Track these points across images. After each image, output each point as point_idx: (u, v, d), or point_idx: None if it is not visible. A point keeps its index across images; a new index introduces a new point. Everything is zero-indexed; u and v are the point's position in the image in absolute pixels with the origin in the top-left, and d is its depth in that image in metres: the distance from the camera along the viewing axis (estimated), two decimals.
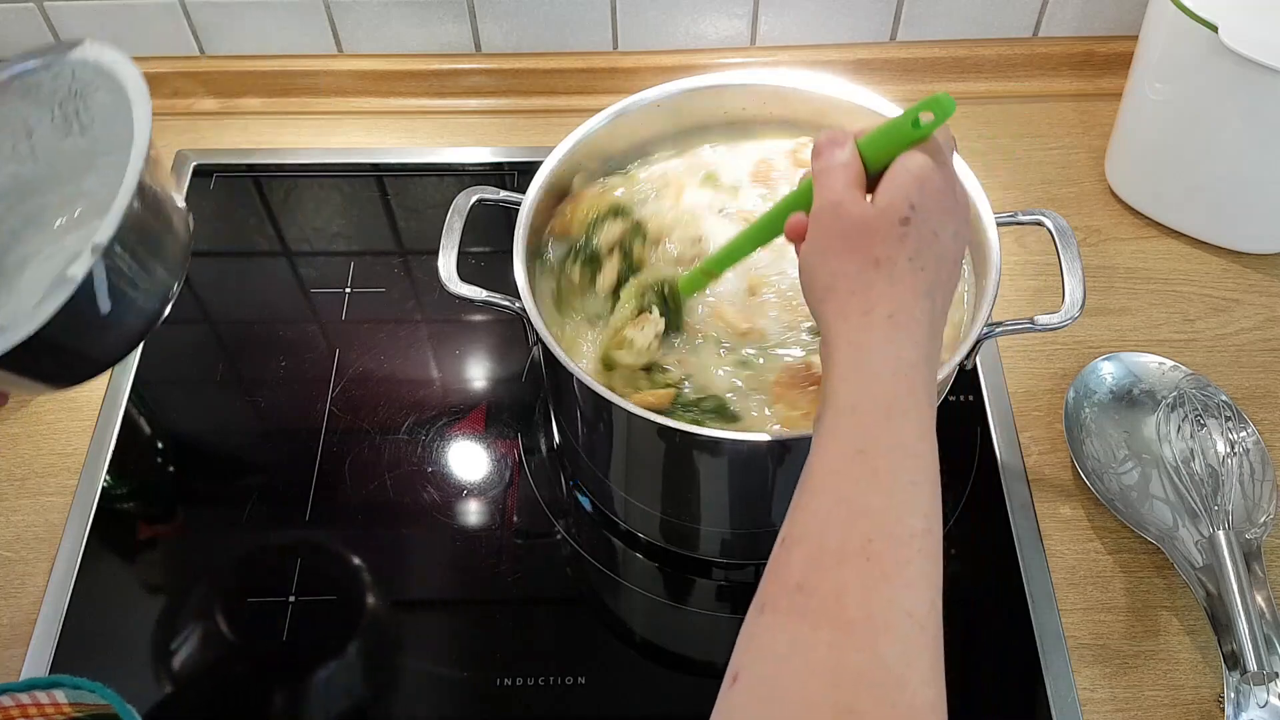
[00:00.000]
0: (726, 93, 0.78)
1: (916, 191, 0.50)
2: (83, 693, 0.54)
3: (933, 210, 0.50)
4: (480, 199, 0.73)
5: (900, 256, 0.49)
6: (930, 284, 0.49)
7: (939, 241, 0.50)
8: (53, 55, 0.60)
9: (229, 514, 0.81)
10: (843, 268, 0.50)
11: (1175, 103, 0.86)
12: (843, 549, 0.44)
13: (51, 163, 0.64)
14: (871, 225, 0.50)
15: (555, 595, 0.77)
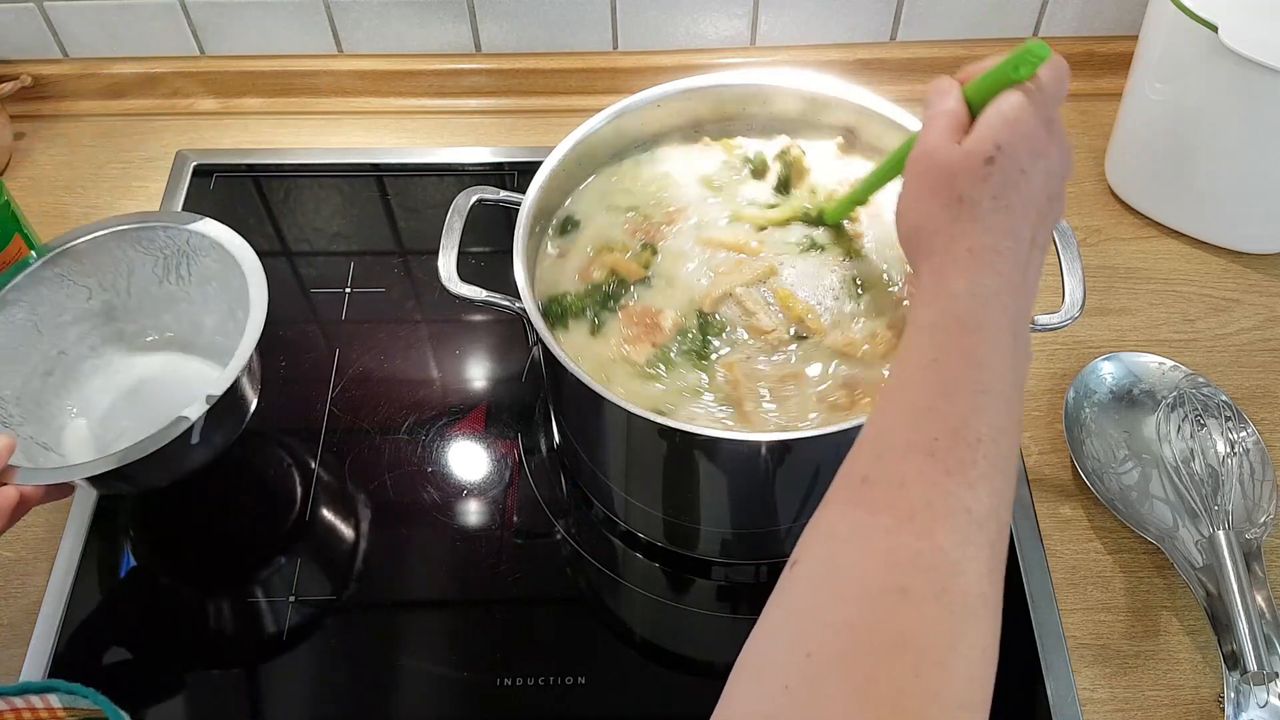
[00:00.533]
0: (726, 93, 0.78)
1: (1004, 131, 0.51)
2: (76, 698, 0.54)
3: (1021, 150, 0.50)
4: (480, 199, 0.73)
5: (984, 195, 0.50)
6: (1015, 222, 0.50)
7: (1027, 179, 0.50)
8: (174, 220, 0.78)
9: (229, 514, 0.81)
10: (928, 208, 0.52)
11: (1175, 103, 0.86)
12: (908, 445, 0.45)
13: (140, 300, 0.81)
14: (956, 166, 0.51)
15: (555, 595, 0.77)
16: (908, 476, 0.44)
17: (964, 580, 0.43)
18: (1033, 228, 0.51)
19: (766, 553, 0.77)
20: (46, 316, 0.77)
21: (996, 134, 0.51)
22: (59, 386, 0.79)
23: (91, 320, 0.80)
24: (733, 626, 0.75)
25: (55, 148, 1.04)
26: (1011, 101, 0.51)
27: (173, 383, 0.81)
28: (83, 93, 1.06)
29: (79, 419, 0.79)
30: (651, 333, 0.68)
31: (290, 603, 0.75)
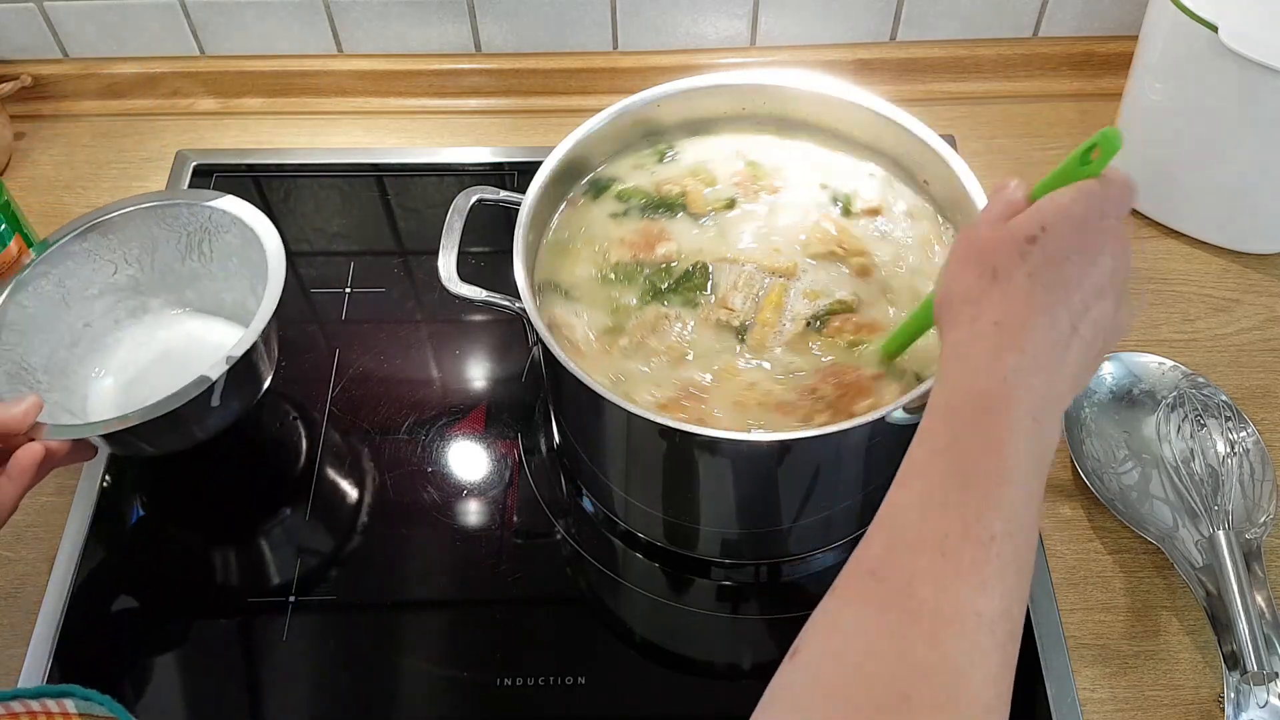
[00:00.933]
0: (726, 93, 0.78)
1: (1052, 215, 0.49)
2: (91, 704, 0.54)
3: (1068, 236, 0.49)
4: (480, 199, 0.73)
5: (1019, 271, 0.48)
6: (1051, 302, 0.48)
7: (1070, 265, 0.48)
8: (195, 198, 0.80)
9: (229, 514, 0.81)
10: (962, 279, 0.50)
11: (1175, 103, 0.86)
12: (919, 541, 0.44)
13: (164, 275, 0.84)
14: (996, 241, 0.49)
15: (555, 595, 0.77)
16: (916, 575, 0.43)
17: (970, 689, 0.41)
18: (1074, 315, 0.48)
19: (767, 553, 0.77)
20: (74, 290, 0.81)
21: (1044, 216, 0.49)
22: (84, 356, 0.82)
23: (117, 294, 0.83)
24: (733, 627, 0.75)
25: (55, 148, 1.04)
26: (1070, 190, 0.50)
27: (194, 354, 0.83)
28: (83, 93, 1.06)
29: (104, 386, 0.82)
30: (641, 249, 0.70)
31: (290, 603, 0.75)
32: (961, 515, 0.44)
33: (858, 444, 0.65)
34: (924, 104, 1.02)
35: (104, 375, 0.82)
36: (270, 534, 0.80)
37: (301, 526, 0.79)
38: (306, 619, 0.74)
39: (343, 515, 0.80)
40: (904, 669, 0.41)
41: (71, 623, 0.74)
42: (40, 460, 0.67)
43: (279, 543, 0.79)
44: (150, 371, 0.82)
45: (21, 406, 0.68)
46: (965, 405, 0.46)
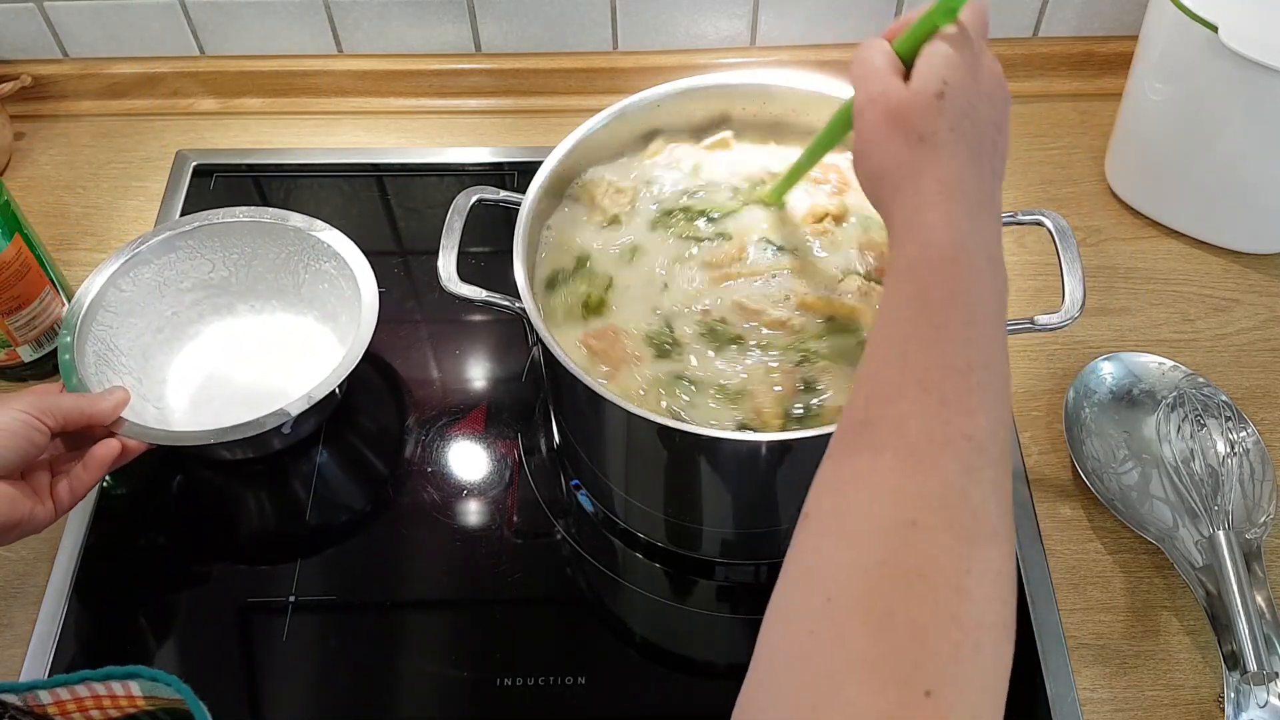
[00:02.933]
0: (726, 93, 0.78)
1: (946, 68, 0.51)
2: (158, 685, 0.54)
3: (965, 84, 0.51)
4: (480, 199, 0.73)
5: (941, 128, 0.50)
6: (973, 150, 0.51)
7: (976, 111, 0.51)
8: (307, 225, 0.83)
9: (229, 514, 0.81)
10: (889, 150, 0.52)
11: (1175, 103, 0.86)
12: (902, 383, 0.46)
13: (254, 283, 0.87)
14: (909, 105, 0.51)
15: (555, 595, 0.77)
16: (904, 412, 0.45)
17: (972, 505, 0.43)
18: (989, 159, 0.52)
19: (767, 553, 0.77)
20: (170, 280, 0.85)
21: (939, 70, 0.51)
22: (166, 343, 0.85)
23: (207, 289, 0.87)
24: (733, 626, 0.75)
25: (55, 148, 1.04)
26: (944, 42, 0.52)
27: (272, 353, 0.86)
28: (83, 93, 1.06)
29: (179, 375, 0.85)
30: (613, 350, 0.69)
31: (290, 603, 0.75)
32: (939, 351, 0.46)
33: None
34: None
35: (180, 366, 0.85)
36: (270, 534, 0.80)
37: (301, 526, 0.79)
38: (306, 619, 0.74)
39: (343, 515, 0.80)
40: (907, 498, 0.43)
41: (71, 622, 0.74)
42: (116, 456, 0.70)
43: (279, 542, 0.79)
44: (225, 370, 0.85)
45: (111, 401, 0.71)
46: (928, 260, 0.48)
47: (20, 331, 0.82)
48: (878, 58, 0.54)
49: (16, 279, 0.79)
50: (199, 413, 0.82)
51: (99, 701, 0.54)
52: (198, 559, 0.79)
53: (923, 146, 0.51)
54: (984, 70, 0.53)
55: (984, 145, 0.52)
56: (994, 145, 0.52)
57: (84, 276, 0.81)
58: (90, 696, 0.54)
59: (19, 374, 0.85)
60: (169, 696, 0.53)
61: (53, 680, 0.52)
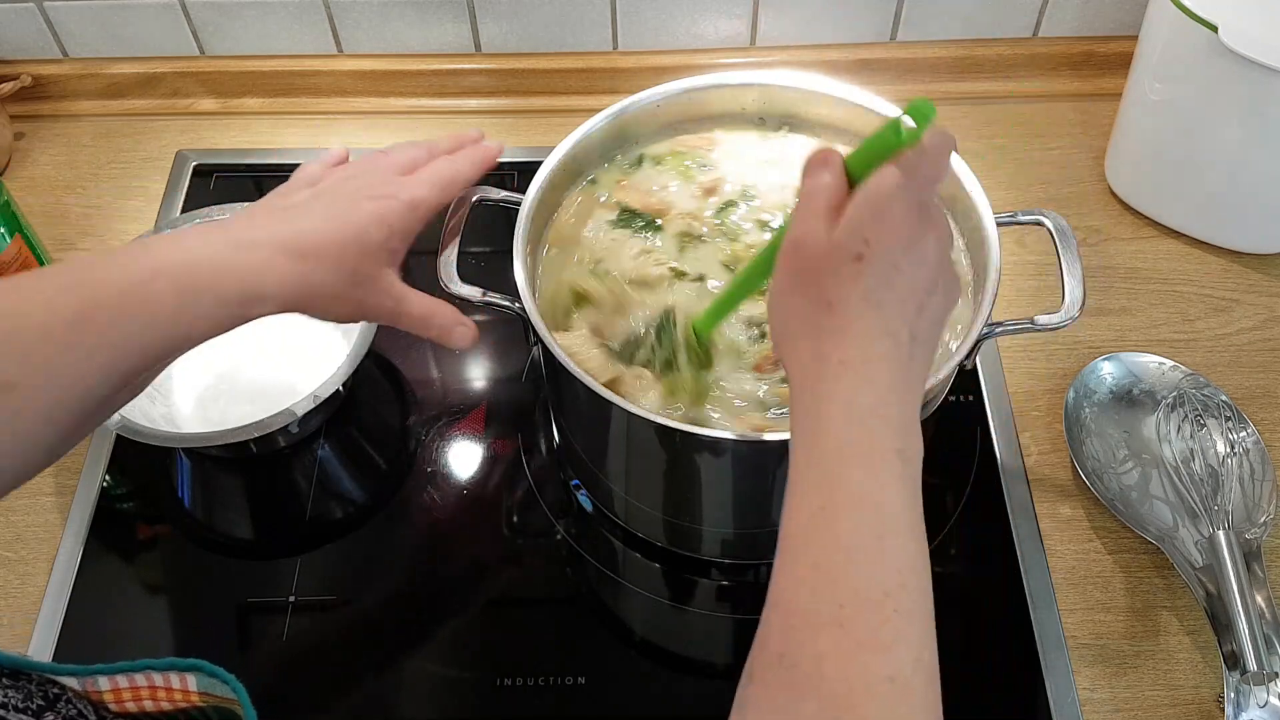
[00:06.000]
0: (726, 93, 0.78)
1: (872, 223, 0.47)
2: (215, 682, 0.53)
3: (891, 241, 0.47)
4: (480, 199, 0.73)
5: (853, 296, 0.47)
6: (890, 322, 0.47)
7: (900, 275, 0.47)
8: None
9: (229, 513, 0.81)
10: (798, 310, 0.49)
11: (1175, 103, 0.86)
12: (816, 617, 0.43)
13: None
14: (823, 265, 0.47)
15: (555, 595, 0.77)
16: (823, 654, 0.42)
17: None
18: (911, 325, 0.48)
19: (767, 552, 0.76)
20: None
21: (864, 228, 0.47)
22: None
23: None
24: (732, 627, 0.75)
25: (55, 148, 1.04)
26: (881, 185, 0.47)
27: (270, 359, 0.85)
28: (83, 93, 1.06)
29: (185, 374, 0.84)
30: None
31: (290, 603, 0.75)
32: (850, 581, 0.43)
33: None
34: None
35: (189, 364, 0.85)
36: (270, 534, 0.80)
37: (302, 526, 0.79)
38: (306, 619, 0.74)
39: (343, 515, 0.80)
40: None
41: (72, 622, 0.74)
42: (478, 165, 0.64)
43: (279, 542, 0.79)
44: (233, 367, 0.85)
45: None
46: (829, 459, 0.46)
47: None
48: (820, 187, 0.49)
49: None
50: (206, 411, 0.82)
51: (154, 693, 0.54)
52: (197, 559, 0.79)
53: (830, 314, 0.47)
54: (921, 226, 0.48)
55: (905, 312, 0.47)
56: (920, 310, 0.48)
57: None
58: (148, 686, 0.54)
59: None
60: (223, 695, 0.53)
61: (116, 666, 0.52)
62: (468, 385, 0.87)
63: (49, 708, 0.49)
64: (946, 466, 0.80)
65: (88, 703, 0.52)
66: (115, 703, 0.53)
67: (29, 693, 0.48)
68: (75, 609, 0.74)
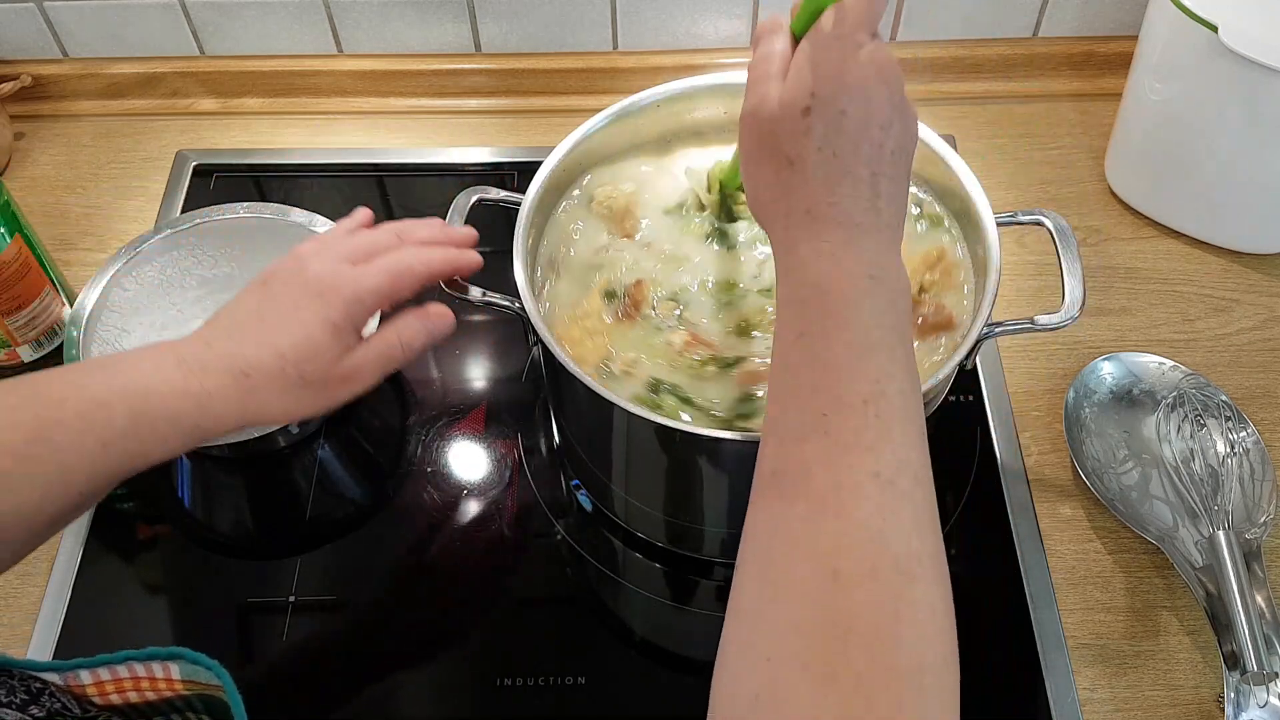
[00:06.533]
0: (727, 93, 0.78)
1: (812, 76, 0.49)
2: (199, 669, 0.53)
3: (834, 89, 0.49)
4: (480, 199, 0.73)
5: (808, 148, 0.49)
6: (847, 166, 0.49)
7: (848, 118, 0.49)
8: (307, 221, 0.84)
9: (229, 513, 0.81)
10: (763, 175, 0.51)
11: (1175, 103, 0.86)
12: (801, 427, 0.46)
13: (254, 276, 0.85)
14: (777, 126, 0.50)
15: (555, 595, 0.77)
16: (809, 460, 0.45)
17: (891, 546, 0.43)
18: (870, 164, 0.49)
19: None
20: (173, 278, 0.85)
21: (804, 81, 0.49)
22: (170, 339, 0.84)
23: (210, 287, 0.86)
24: None
25: (55, 148, 1.04)
26: (815, 40, 0.50)
27: None
28: (83, 93, 1.06)
29: None
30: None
31: (290, 603, 0.75)
32: (831, 391, 0.46)
33: None
34: (924, 104, 1.01)
35: None
36: (270, 534, 0.80)
37: (301, 526, 0.79)
38: (306, 619, 0.74)
39: (342, 515, 0.80)
40: (824, 551, 0.43)
41: (72, 623, 0.74)
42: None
43: (279, 543, 0.79)
44: None
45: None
46: (806, 294, 0.48)
47: (20, 331, 0.82)
48: (770, 53, 0.52)
49: (16, 279, 0.79)
50: None
51: (138, 684, 0.54)
52: (196, 559, 0.79)
53: (791, 171, 0.50)
54: (861, 66, 0.49)
55: (860, 152, 0.49)
56: (878, 148, 0.50)
57: (84, 276, 0.82)
58: (130, 678, 0.54)
59: (19, 374, 0.85)
60: (207, 681, 0.53)
61: (96, 660, 0.52)
62: (468, 385, 0.87)
63: (33, 701, 0.49)
64: (946, 466, 0.80)
65: (71, 697, 0.52)
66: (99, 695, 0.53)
67: (11, 688, 0.48)
68: (75, 609, 0.75)
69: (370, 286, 0.60)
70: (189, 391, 0.56)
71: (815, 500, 0.44)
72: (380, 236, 0.63)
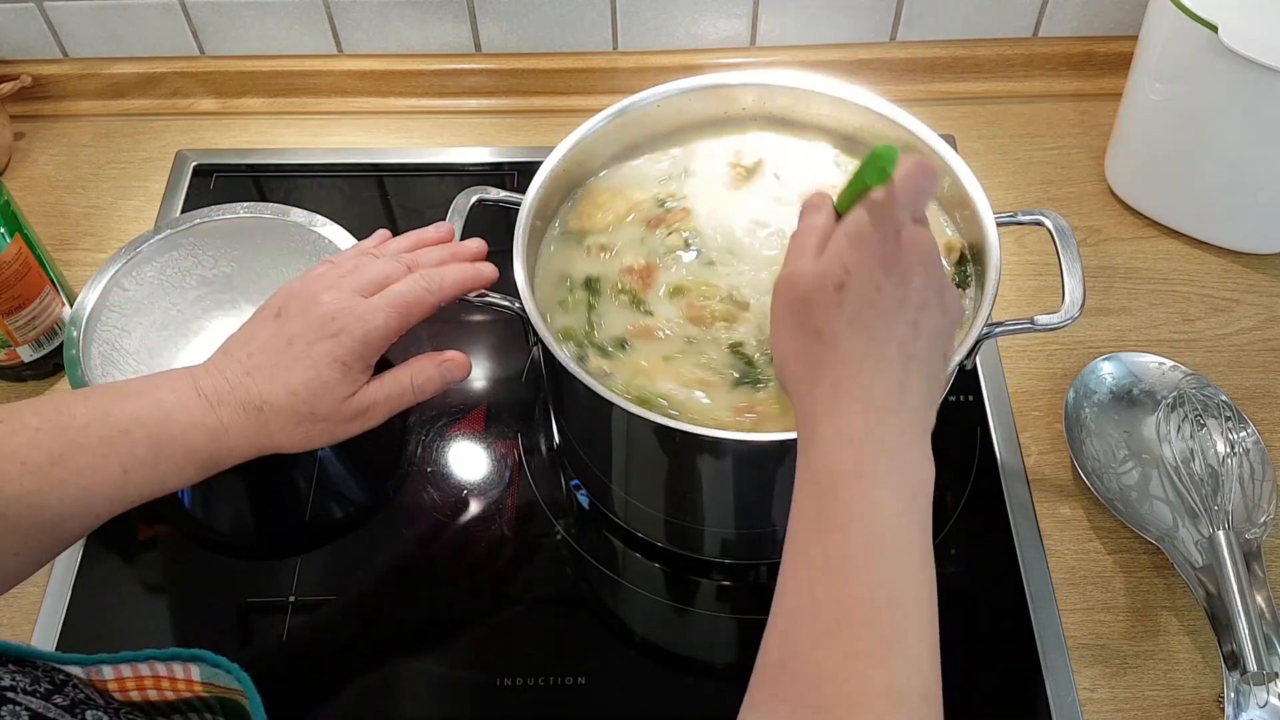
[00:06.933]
0: (727, 93, 0.78)
1: (850, 252, 0.50)
2: (219, 672, 0.54)
3: (872, 269, 0.49)
4: (480, 199, 0.73)
5: (839, 324, 0.49)
6: (878, 345, 0.49)
7: (884, 296, 0.49)
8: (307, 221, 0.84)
9: (228, 513, 0.81)
10: (793, 343, 0.51)
11: (1175, 103, 0.86)
12: (813, 628, 0.45)
13: (257, 279, 0.86)
14: (810, 296, 0.50)
15: (555, 595, 0.77)
16: (820, 663, 0.44)
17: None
18: (901, 343, 0.49)
19: (767, 553, 0.77)
20: (173, 278, 0.85)
21: (842, 257, 0.50)
22: (170, 341, 0.85)
23: (210, 286, 0.87)
24: (733, 627, 0.75)
25: (55, 148, 1.04)
26: (855, 218, 0.50)
27: None
28: (83, 93, 1.06)
29: None
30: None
31: (290, 603, 0.75)
32: (849, 594, 0.45)
33: None
34: (924, 104, 1.02)
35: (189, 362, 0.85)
36: (270, 534, 0.80)
37: (301, 526, 0.79)
38: (306, 619, 0.74)
39: (342, 515, 0.80)
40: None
41: (72, 623, 0.74)
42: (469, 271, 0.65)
43: (279, 543, 0.79)
44: None
45: None
46: (825, 479, 0.47)
47: (20, 331, 0.82)
48: (814, 226, 0.53)
49: (16, 279, 0.79)
50: None
51: (158, 682, 0.54)
52: (197, 559, 0.78)
53: (820, 343, 0.49)
54: (900, 248, 0.50)
55: (894, 332, 0.49)
56: (913, 329, 0.50)
57: (84, 276, 0.82)
58: (151, 676, 0.54)
59: (19, 374, 0.85)
60: (226, 685, 0.54)
61: (119, 656, 0.53)
62: (468, 385, 0.87)
63: (57, 691, 0.49)
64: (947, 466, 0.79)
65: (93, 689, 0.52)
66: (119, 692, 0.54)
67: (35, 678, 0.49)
68: (75, 609, 0.75)
69: (379, 325, 0.61)
70: (206, 424, 0.58)
71: (825, 708, 0.43)
72: (391, 267, 0.64)
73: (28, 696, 0.47)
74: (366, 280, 0.63)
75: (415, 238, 0.68)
